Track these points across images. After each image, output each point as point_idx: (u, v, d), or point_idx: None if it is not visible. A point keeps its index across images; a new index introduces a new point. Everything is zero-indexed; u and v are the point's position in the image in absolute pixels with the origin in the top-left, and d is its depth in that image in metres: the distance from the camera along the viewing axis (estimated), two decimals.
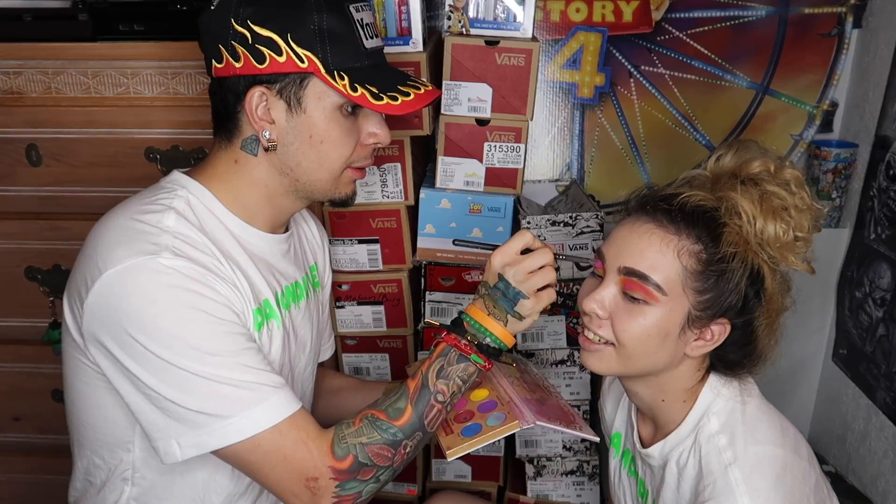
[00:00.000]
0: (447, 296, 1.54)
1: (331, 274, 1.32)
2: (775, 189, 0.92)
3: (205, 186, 1.00)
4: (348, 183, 1.05)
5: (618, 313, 0.93)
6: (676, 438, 0.97)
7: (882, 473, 1.58)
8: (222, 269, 0.95)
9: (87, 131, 1.42)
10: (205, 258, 0.93)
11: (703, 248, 0.91)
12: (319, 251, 1.26)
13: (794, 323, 1.77)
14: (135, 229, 0.92)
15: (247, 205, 1.02)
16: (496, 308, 0.99)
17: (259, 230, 1.04)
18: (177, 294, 0.89)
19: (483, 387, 1.08)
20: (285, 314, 1.07)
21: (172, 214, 0.94)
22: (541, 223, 1.51)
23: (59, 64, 1.38)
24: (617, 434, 1.15)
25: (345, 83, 0.94)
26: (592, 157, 1.86)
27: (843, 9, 1.73)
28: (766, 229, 0.90)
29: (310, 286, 1.17)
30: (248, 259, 1.01)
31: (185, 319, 0.89)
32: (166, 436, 0.91)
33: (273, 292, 1.04)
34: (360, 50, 0.97)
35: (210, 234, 0.97)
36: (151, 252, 0.89)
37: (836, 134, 1.81)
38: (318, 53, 0.93)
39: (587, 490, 1.68)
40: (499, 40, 1.38)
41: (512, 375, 1.12)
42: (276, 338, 1.04)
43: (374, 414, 0.97)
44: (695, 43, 1.77)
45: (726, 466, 0.89)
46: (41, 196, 1.46)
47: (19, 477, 1.63)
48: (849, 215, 1.73)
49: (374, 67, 0.99)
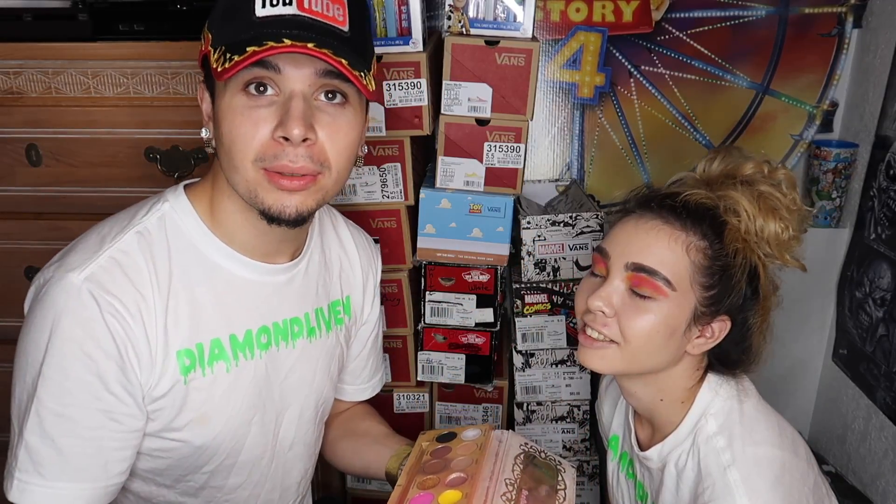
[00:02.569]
0: (447, 296, 1.54)
1: (376, 310, 1.19)
2: (769, 190, 0.94)
3: (193, 202, 0.92)
4: (267, 189, 0.85)
5: (624, 311, 0.93)
6: (674, 440, 0.97)
7: (882, 473, 1.57)
8: (141, 308, 0.85)
9: (87, 131, 1.42)
10: (125, 289, 0.85)
11: (709, 245, 0.92)
12: (358, 284, 1.14)
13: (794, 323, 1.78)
14: (88, 239, 0.89)
15: (223, 221, 0.92)
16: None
17: (244, 256, 0.93)
18: (64, 322, 0.82)
19: (462, 488, 0.87)
20: (261, 355, 0.97)
21: (134, 231, 0.89)
22: (541, 223, 1.51)
23: (59, 64, 1.38)
24: (615, 437, 1.15)
25: (218, 58, 0.81)
26: (592, 157, 1.86)
27: (843, 9, 1.73)
28: (766, 227, 0.92)
29: (320, 323, 1.06)
30: (210, 292, 0.91)
31: (53, 350, 0.82)
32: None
33: (241, 331, 0.95)
34: (250, 19, 0.81)
35: (173, 257, 0.89)
36: (73, 267, 0.84)
37: (836, 134, 1.81)
38: (213, 29, 0.85)
39: (587, 490, 1.68)
40: (499, 40, 1.38)
41: (515, 485, 0.89)
42: (220, 382, 0.93)
43: None
44: (695, 43, 1.77)
45: (725, 468, 0.89)
46: (41, 196, 1.46)
47: None
48: (849, 215, 1.73)
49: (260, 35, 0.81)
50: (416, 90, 1.39)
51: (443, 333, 1.56)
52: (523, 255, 1.54)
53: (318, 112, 0.84)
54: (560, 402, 1.63)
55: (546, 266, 1.54)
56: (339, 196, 1.45)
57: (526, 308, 1.57)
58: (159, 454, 0.94)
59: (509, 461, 0.94)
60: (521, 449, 0.98)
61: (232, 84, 0.83)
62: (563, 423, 1.64)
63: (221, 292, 0.93)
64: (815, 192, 1.74)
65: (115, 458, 0.87)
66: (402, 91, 1.39)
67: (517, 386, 1.63)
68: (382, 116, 1.40)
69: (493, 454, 0.95)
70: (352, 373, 1.21)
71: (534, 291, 1.56)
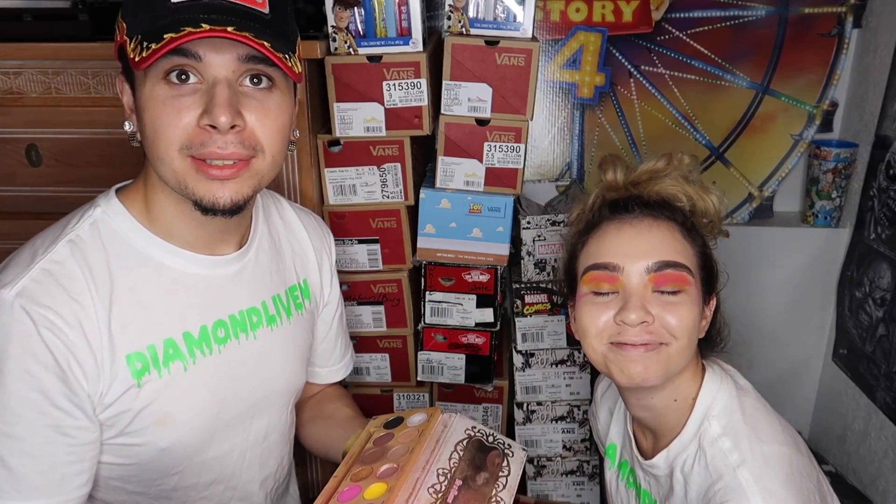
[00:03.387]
0: (447, 296, 1.54)
1: (336, 290, 1.18)
2: (688, 175, 1.00)
3: (126, 204, 0.90)
4: (195, 179, 0.82)
5: (661, 313, 0.90)
6: (679, 445, 0.96)
7: (882, 473, 1.57)
8: (80, 318, 0.83)
9: (87, 131, 1.42)
10: (60, 300, 0.82)
11: (688, 230, 0.96)
12: (312, 266, 1.12)
13: (794, 323, 1.78)
14: (21, 253, 0.86)
15: (159, 217, 0.89)
16: None
17: (187, 251, 0.91)
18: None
19: (389, 480, 0.85)
20: (220, 350, 0.95)
21: (66, 241, 0.86)
22: (541, 223, 1.51)
23: (59, 64, 1.38)
24: (612, 445, 1.14)
25: (135, 47, 0.79)
26: (592, 157, 1.86)
27: (843, 9, 1.73)
28: (710, 201, 0.99)
29: (280, 310, 1.04)
30: (156, 291, 0.89)
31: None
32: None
33: (195, 328, 0.92)
34: (167, 5, 0.78)
35: (112, 262, 0.87)
36: (4, 283, 0.81)
37: (836, 134, 1.82)
38: (128, 17, 0.81)
39: (587, 490, 1.69)
40: (499, 40, 1.38)
41: (448, 475, 0.86)
42: (178, 382, 0.91)
43: None
44: (695, 43, 1.77)
45: (735, 468, 0.89)
46: (41, 196, 1.46)
47: None
48: (849, 215, 1.73)
49: (177, 21, 0.78)
50: (416, 90, 1.39)
51: (443, 333, 1.56)
52: (523, 255, 1.54)
53: (245, 98, 0.82)
54: (560, 401, 1.63)
55: (546, 266, 1.54)
56: (338, 196, 1.45)
57: (526, 308, 1.57)
58: (123, 461, 0.92)
59: (448, 448, 0.91)
60: (466, 434, 0.94)
61: (152, 73, 0.80)
62: (563, 422, 1.64)
63: (169, 291, 0.90)
64: (815, 192, 1.74)
65: (70, 472, 0.85)
66: (402, 91, 1.39)
67: (517, 386, 1.63)
68: (382, 116, 1.40)
69: (434, 441, 0.92)
70: (321, 355, 1.20)
71: (534, 291, 1.56)
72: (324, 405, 1.21)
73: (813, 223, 1.76)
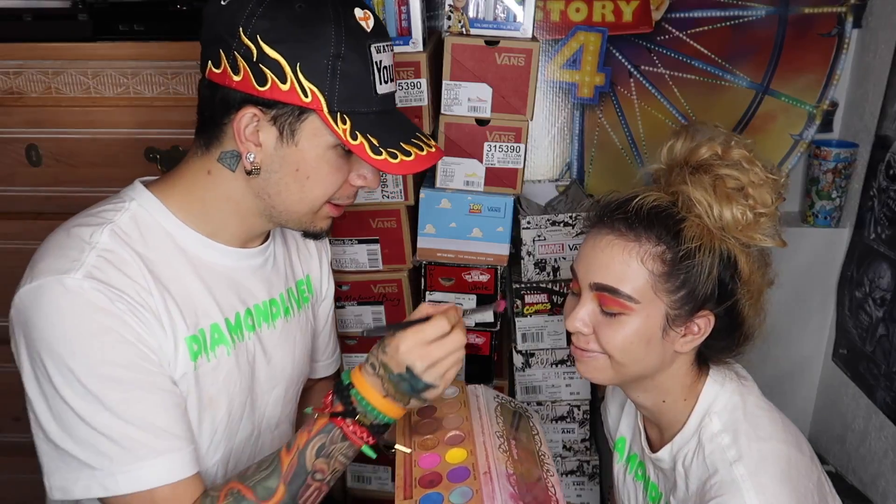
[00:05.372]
0: (447, 296, 1.54)
1: (332, 286, 1.23)
2: (727, 171, 0.90)
3: (161, 199, 0.93)
4: (324, 218, 0.98)
5: (599, 327, 0.94)
6: (682, 440, 0.97)
7: (882, 473, 1.57)
8: (144, 296, 0.87)
9: (87, 131, 1.42)
10: (125, 282, 0.86)
11: (666, 248, 0.90)
12: (314, 262, 1.18)
13: (794, 323, 1.78)
14: (62, 244, 0.88)
15: (211, 219, 0.95)
16: (397, 393, 0.88)
17: (223, 245, 0.97)
18: (77, 323, 0.83)
19: (464, 445, 0.97)
20: (249, 336, 1.00)
21: (108, 229, 0.88)
22: (541, 223, 1.51)
23: (59, 64, 1.38)
24: (621, 438, 1.15)
25: (346, 128, 0.87)
26: (592, 157, 1.86)
27: (843, 9, 1.73)
28: (723, 215, 0.89)
29: (292, 303, 1.09)
30: (196, 279, 0.94)
31: (80, 353, 0.83)
32: (45, 470, 0.87)
33: (232, 315, 0.97)
34: (372, 95, 0.89)
35: (151, 252, 0.90)
36: (64, 270, 0.84)
37: (836, 134, 1.81)
38: (325, 91, 0.85)
39: (587, 490, 1.68)
40: (499, 40, 1.38)
41: (504, 436, 1.00)
42: (223, 365, 0.96)
43: (241, 491, 0.87)
44: (695, 43, 1.77)
45: (731, 463, 0.89)
46: (41, 196, 1.46)
47: (20, 477, 1.63)
48: (849, 215, 1.73)
49: (381, 115, 0.91)
50: (416, 90, 1.39)
51: None
52: (523, 255, 1.54)
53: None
54: (560, 401, 1.63)
55: (546, 266, 1.54)
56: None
57: (526, 308, 1.57)
58: None
59: (492, 415, 1.03)
60: (496, 402, 1.08)
61: (323, 139, 0.89)
62: (563, 422, 1.64)
63: (206, 279, 0.95)
64: (815, 192, 1.74)
65: (183, 422, 0.90)
66: (402, 91, 1.39)
67: (517, 386, 1.63)
68: None
69: (476, 410, 1.04)
70: (318, 349, 1.24)
71: (534, 291, 1.56)
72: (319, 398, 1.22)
73: (813, 223, 1.76)
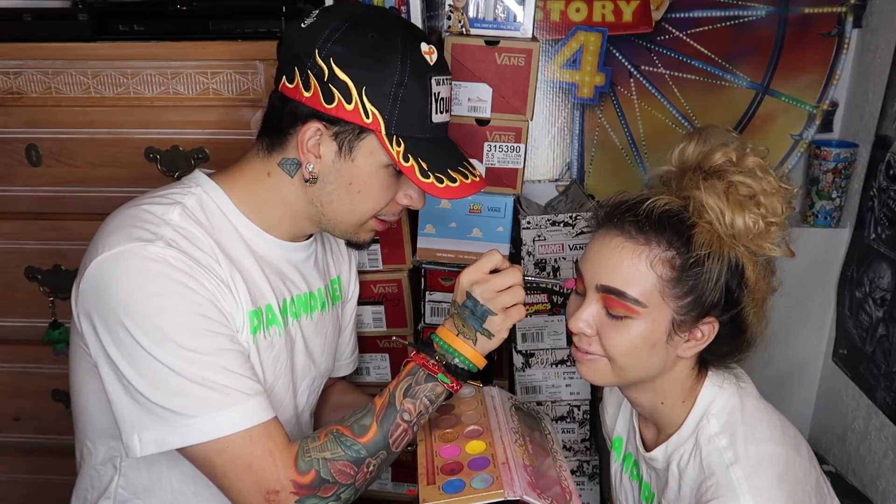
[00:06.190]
0: (447, 296, 1.54)
1: (357, 289, 1.30)
2: (741, 178, 0.90)
3: (223, 188, 1.01)
4: (369, 231, 1.06)
5: (603, 329, 0.93)
6: (678, 440, 0.97)
7: (882, 473, 1.57)
8: (217, 268, 0.94)
9: (87, 131, 1.42)
10: (200, 254, 0.93)
11: (676, 254, 0.89)
12: (345, 265, 1.25)
13: (794, 323, 1.78)
14: (137, 217, 0.93)
15: (267, 215, 1.03)
16: (465, 327, 0.99)
17: (274, 237, 1.04)
18: (163, 283, 0.89)
19: (483, 438, 1.03)
20: (293, 323, 1.07)
21: (178, 209, 0.95)
22: (541, 223, 1.51)
23: (59, 64, 1.38)
24: (618, 438, 1.15)
25: (399, 150, 0.94)
26: (592, 157, 1.86)
27: (843, 9, 1.73)
28: (735, 222, 0.89)
29: (328, 299, 1.16)
30: (254, 262, 1.01)
31: (167, 310, 0.89)
32: (130, 428, 0.90)
33: (279, 299, 1.04)
34: (427, 122, 0.97)
35: (216, 233, 0.97)
36: (146, 239, 0.90)
37: (836, 134, 1.81)
38: (385, 114, 0.93)
39: (587, 490, 1.68)
40: (499, 40, 1.38)
41: (520, 433, 1.07)
42: (275, 344, 1.03)
43: (340, 430, 0.95)
44: (695, 43, 1.77)
45: (727, 466, 0.89)
46: (41, 196, 1.46)
47: (20, 477, 1.63)
48: (849, 215, 1.73)
49: (433, 142, 0.98)
50: None
51: None
52: (523, 255, 1.54)
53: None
54: (560, 402, 1.63)
55: (546, 266, 1.54)
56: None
57: (526, 308, 1.57)
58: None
59: (507, 413, 1.10)
60: (511, 402, 1.14)
61: (377, 157, 0.96)
62: (563, 423, 1.64)
63: (259, 264, 1.02)
64: (815, 192, 1.74)
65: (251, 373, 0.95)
66: None
67: (517, 386, 1.62)
68: None
69: (492, 408, 1.10)
70: (339, 348, 1.27)
71: (534, 291, 1.56)
72: (342, 396, 1.31)
73: (813, 223, 1.76)
